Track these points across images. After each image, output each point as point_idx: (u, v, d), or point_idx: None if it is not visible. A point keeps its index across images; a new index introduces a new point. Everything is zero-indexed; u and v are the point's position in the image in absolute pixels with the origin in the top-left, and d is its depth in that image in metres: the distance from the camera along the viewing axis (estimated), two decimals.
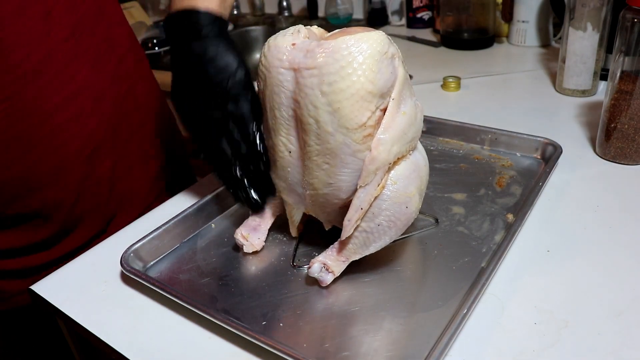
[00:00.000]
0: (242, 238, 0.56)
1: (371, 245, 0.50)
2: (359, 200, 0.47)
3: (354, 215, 0.48)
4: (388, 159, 0.47)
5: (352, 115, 0.45)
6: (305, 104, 0.46)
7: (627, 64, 0.65)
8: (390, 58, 0.45)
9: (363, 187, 0.47)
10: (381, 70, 0.44)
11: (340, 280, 0.52)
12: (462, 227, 0.58)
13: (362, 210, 0.48)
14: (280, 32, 0.49)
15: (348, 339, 0.46)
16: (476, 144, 0.75)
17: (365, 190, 0.47)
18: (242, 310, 0.50)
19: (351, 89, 0.44)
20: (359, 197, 0.47)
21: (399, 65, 0.47)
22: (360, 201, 0.47)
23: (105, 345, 0.49)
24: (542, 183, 0.61)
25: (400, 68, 0.47)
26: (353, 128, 0.46)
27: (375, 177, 0.47)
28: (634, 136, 0.66)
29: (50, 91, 0.60)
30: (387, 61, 0.45)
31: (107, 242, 0.62)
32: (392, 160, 0.47)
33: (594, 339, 0.44)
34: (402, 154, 0.48)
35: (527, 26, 1.13)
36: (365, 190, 0.47)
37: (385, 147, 0.46)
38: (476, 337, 0.46)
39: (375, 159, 0.46)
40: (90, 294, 0.54)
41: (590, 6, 0.82)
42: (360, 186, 0.47)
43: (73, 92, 0.62)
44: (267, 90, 0.49)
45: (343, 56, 0.44)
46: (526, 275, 0.52)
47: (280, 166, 0.52)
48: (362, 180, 0.47)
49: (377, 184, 0.47)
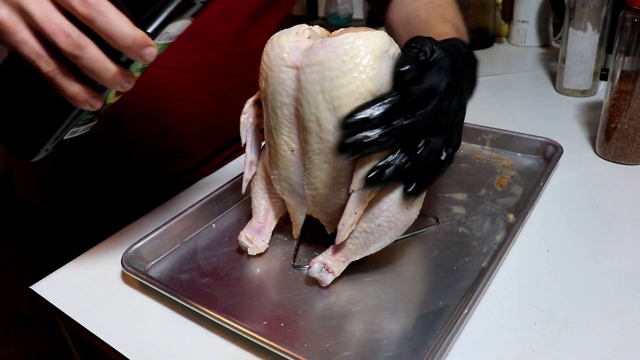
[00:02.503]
0: (246, 240, 0.56)
1: (371, 246, 0.50)
2: (352, 205, 0.47)
3: (348, 219, 0.47)
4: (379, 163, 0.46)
5: None
6: (307, 101, 0.46)
7: (627, 64, 0.65)
8: (391, 58, 0.45)
9: (356, 191, 0.46)
10: (382, 69, 0.44)
11: (341, 280, 0.52)
12: (463, 227, 0.58)
13: (356, 215, 0.47)
14: (283, 30, 0.49)
15: (348, 339, 0.46)
16: (477, 144, 0.75)
17: (358, 195, 0.46)
18: (242, 310, 0.50)
19: (352, 85, 0.44)
20: (352, 201, 0.47)
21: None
22: (354, 205, 0.47)
23: (105, 345, 0.49)
24: (543, 183, 0.61)
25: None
26: None
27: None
28: (634, 136, 0.67)
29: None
30: (389, 60, 0.45)
31: (107, 242, 0.62)
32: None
33: (594, 339, 0.44)
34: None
35: (527, 26, 1.13)
36: (358, 195, 0.46)
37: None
38: (476, 337, 0.46)
39: (366, 163, 0.45)
40: (90, 294, 0.54)
41: (590, 6, 0.82)
42: (352, 190, 0.46)
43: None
44: (269, 89, 0.49)
45: (345, 51, 0.44)
46: (526, 275, 0.52)
47: (282, 166, 0.52)
48: (354, 185, 0.46)
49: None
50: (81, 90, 0.40)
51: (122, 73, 0.40)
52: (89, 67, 0.38)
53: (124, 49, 0.38)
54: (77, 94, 0.40)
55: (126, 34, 0.37)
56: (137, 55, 0.39)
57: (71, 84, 0.40)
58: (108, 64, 0.39)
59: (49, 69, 0.38)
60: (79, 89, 0.40)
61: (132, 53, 0.38)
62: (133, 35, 0.37)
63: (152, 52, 0.39)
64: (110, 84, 0.40)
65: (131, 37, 0.37)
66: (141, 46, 0.38)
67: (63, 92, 0.40)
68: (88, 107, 0.41)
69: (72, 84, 0.40)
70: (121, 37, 0.37)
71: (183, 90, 0.70)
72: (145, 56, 0.39)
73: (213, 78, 0.71)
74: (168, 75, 0.68)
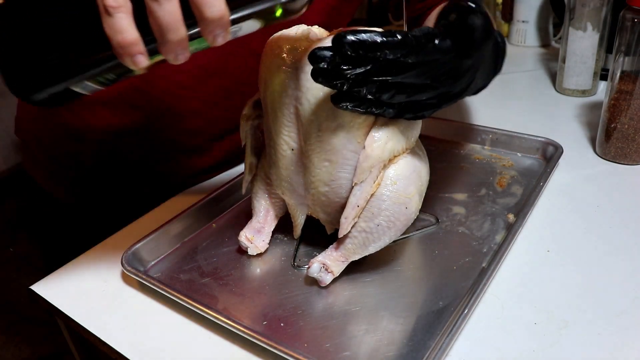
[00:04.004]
0: (246, 240, 0.56)
1: (370, 246, 0.50)
2: (355, 198, 0.47)
3: (351, 212, 0.48)
4: (382, 156, 0.47)
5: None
6: (307, 100, 0.46)
7: (627, 64, 0.65)
8: None
9: (358, 184, 0.47)
10: None
11: (341, 280, 0.52)
12: (463, 227, 0.58)
13: (359, 208, 0.48)
14: (282, 31, 0.49)
15: (348, 339, 0.46)
16: (477, 144, 0.75)
17: (360, 188, 0.47)
18: (242, 310, 0.50)
19: None
20: (355, 194, 0.47)
21: None
22: (357, 199, 0.47)
23: (105, 345, 0.49)
24: (543, 183, 0.61)
25: None
26: (352, 125, 0.46)
27: (371, 174, 0.47)
28: (634, 136, 0.67)
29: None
30: None
31: (107, 242, 0.62)
32: (387, 158, 0.47)
33: (594, 339, 0.44)
34: (399, 151, 0.48)
35: (527, 26, 1.13)
36: (360, 188, 0.47)
37: (379, 144, 0.46)
38: (476, 337, 0.46)
39: (369, 157, 0.46)
40: (90, 294, 0.54)
41: (590, 6, 0.82)
42: (355, 183, 0.47)
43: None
44: (268, 89, 0.49)
45: None
46: (526, 275, 0.52)
47: (282, 166, 0.52)
48: (357, 178, 0.47)
49: (372, 181, 0.47)
50: (136, 40, 0.35)
51: (185, 43, 0.37)
52: (164, 19, 0.34)
53: (207, 20, 0.35)
54: (130, 42, 0.35)
55: (218, 6, 0.35)
56: (213, 32, 0.36)
57: (130, 29, 0.35)
58: (181, 25, 0.35)
59: (116, 3, 0.34)
60: (134, 37, 0.35)
61: (211, 28, 0.36)
62: (222, 11, 0.35)
63: (226, 37, 0.37)
64: (169, 47, 0.36)
65: (221, 11, 0.35)
66: (221, 26, 0.36)
67: (115, 35, 0.35)
68: (129, 63, 0.36)
69: (131, 29, 0.35)
70: (211, 6, 0.35)
71: (212, 94, 0.70)
72: (217, 37, 0.37)
73: (243, 86, 0.70)
74: (201, 76, 0.68)
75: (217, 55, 0.67)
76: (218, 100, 0.70)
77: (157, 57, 0.38)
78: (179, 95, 0.68)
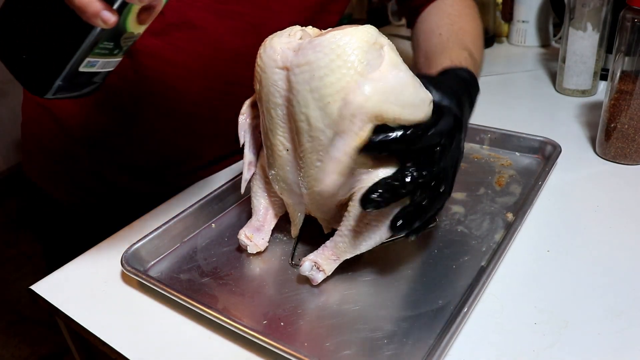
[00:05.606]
0: (246, 239, 0.56)
1: (361, 245, 0.50)
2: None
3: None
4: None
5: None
6: (297, 101, 0.46)
7: (627, 64, 0.65)
8: (379, 49, 0.45)
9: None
10: (370, 63, 0.44)
11: (341, 280, 0.52)
12: (462, 226, 0.58)
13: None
14: (277, 33, 0.49)
15: (348, 337, 0.46)
16: (476, 144, 0.75)
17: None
18: (242, 310, 0.50)
19: (342, 82, 0.44)
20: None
21: (387, 51, 0.45)
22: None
23: (105, 345, 0.49)
24: (542, 182, 0.61)
25: (390, 52, 0.45)
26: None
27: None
28: (634, 136, 0.67)
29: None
30: (376, 52, 0.45)
31: (107, 242, 0.62)
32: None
33: (594, 339, 0.45)
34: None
35: (527, 26, 1.13)
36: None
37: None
38: (476, 337, 0.46)
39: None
40: (90, 294, 0.54)
41: (590, 6, 0.82)
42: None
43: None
44: (263, 90, 0.49)
45: (332, 50, 0.44)
46: (526, 275, 0.52)
47: (279, 166, 0.52)
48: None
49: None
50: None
51: None
52: None
53: None
54: (88, 2, 0.37)
55: None
56: None
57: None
58: None
59: None
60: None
61: None
62: None
63: None
64: None
65: None
66: None
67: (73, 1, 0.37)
68: (100, 23, 0.38)
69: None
70: None
71: (200, 95, 0.70)
72: None
73: (232, 86, 0.71)
74: (188, 77, 0.68)
75: (203, 56, 0.68)
76: (205, 101, 0.70)
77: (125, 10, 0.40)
78: (168, 97, 0.69)
